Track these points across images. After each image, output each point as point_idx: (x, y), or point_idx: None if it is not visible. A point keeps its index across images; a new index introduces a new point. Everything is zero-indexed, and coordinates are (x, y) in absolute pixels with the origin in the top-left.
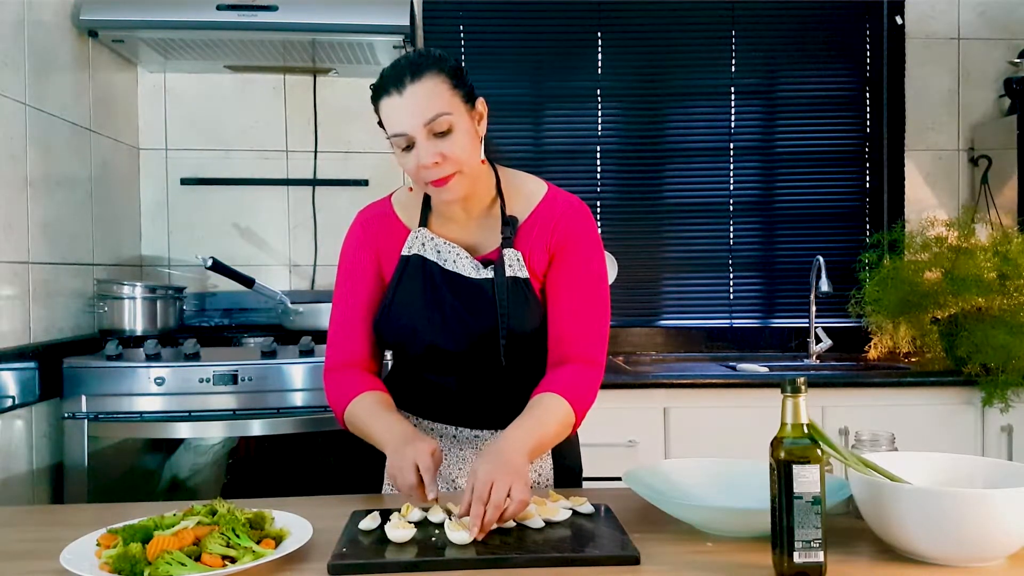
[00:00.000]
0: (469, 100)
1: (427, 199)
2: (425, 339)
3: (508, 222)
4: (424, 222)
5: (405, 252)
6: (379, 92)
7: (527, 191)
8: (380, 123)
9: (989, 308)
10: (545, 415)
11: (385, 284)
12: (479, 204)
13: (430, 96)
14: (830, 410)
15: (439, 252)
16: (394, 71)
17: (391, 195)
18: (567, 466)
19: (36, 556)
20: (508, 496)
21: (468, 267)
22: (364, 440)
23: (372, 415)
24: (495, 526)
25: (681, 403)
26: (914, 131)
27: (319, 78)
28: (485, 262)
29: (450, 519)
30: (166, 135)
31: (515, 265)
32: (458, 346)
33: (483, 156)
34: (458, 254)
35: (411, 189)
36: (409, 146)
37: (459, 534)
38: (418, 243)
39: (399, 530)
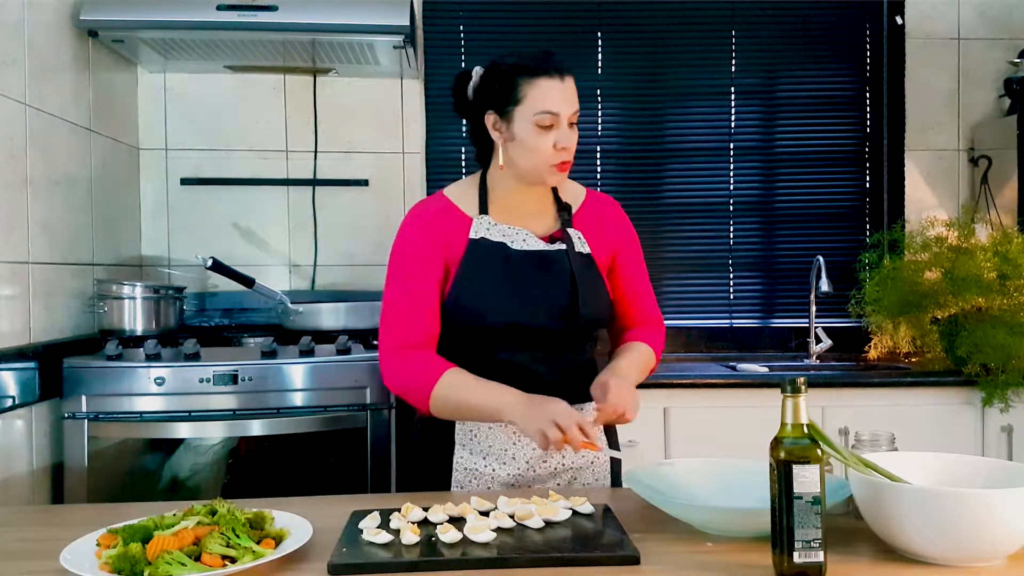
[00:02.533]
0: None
1: (483, 189)
2: (505, 313)
3: (564, 207)
4: (484, 210)
5: (472, 236)
6: (535, 71)
7: (574, 188)
8: (495, 104)
9: (989, 308)
10: (643, 359)
11: (450, 271)
12: (543, 195)
13: (575, 91)
14: (830, 410)
15: (505, 235)
16: (550, 59)
17: (441, 192)
18: (614, 457)
19: (36, 556)
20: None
21: (537, 244)
22: (459, 413)
23: (474, 385)
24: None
25: (681, 403)
26: (914, 131)
27: (319, 78)
28: (551, 239)
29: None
30: (166, 135)
31: (579, 243)
32: (536, 319)
33: None
34: (525, 235)
35: (501, 166)
36: (550, 126)
37: (451, 534)
38: (483, 228)
39: (405, 532)
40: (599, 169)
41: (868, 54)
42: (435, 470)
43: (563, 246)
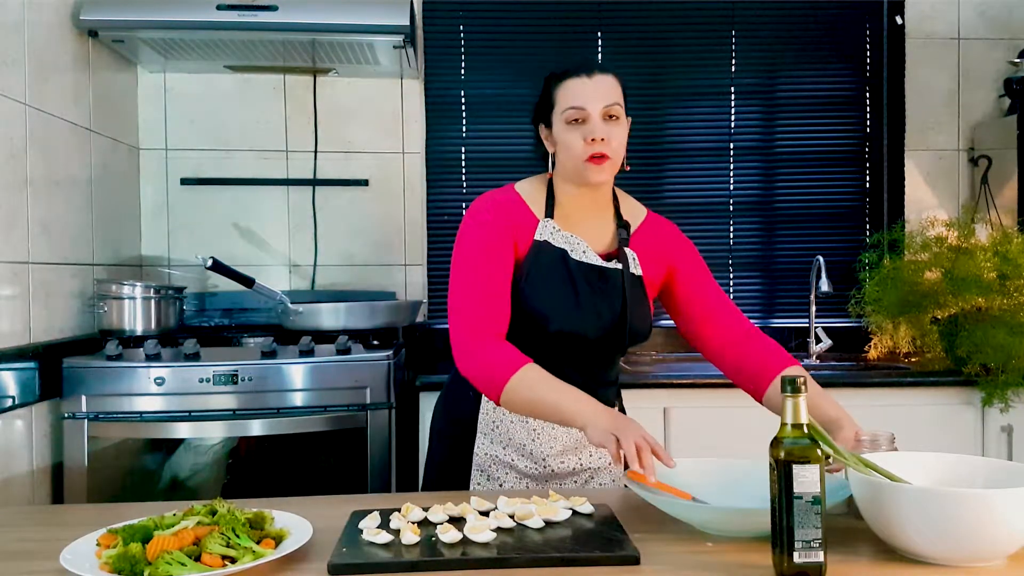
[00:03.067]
0: (629, 113)
1: (551, 192)
2: (558, 322)
3: (624, 225)
4: (550, 213)
5: (537, 237)
6: (565, 75)
7: (635, 207)
8: (546, 103)
9: (989, 308)
10: (814, 386)
11: (520, 265)
12: (602, 206)
13: (612, 87)
14: None
15: (567, 242)
16: (583, 62)
17: (511, 185)
18: None
19: (36, 556)
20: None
21: (595, 259)
22: (531, 409)
23: (553, 384)
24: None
25: (681, 403)
26: (914, 131)
27: (319, 78)
28: (608, 257)
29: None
30: (166, 135)
31: (633, 264)
32: (586, 331)
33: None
34: (585, 247)
35: (550, 173)
36: (578, 121)
37: (451, 534)
38: (547, 232)
39: (405, 532)
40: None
41: (868, 54)
42: (457, 458)
43: (619, 265)
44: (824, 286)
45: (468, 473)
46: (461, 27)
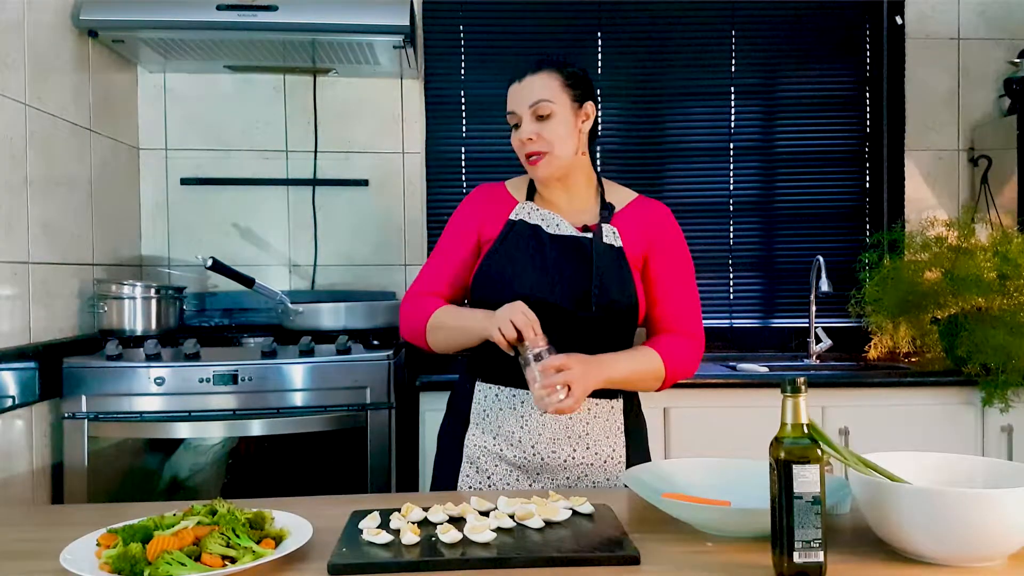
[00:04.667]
0: (578, 100)
1: (532, 183)
2: (524, 289)
3: (606, 206)
4: (530, 197)
5: (512, 217)
6: (510, 81)
7: (623, 192)
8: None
9: (989, 308)
10: (639, 360)
11: (482, 248)
12: (579, 194)
13: (540, 86)
14: (830, 410)
15: (543, 219)
16: (522, 67)
17: (505, 181)
18: (636, 460)
19: (36, 556)
20: (568, 391)
21: (570, 230)
22: (450, 340)
23: (461, 311)
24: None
25: (681, 403)
26: (914, 131)
27: (319, 78)
28: (584, 229)
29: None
30: (166, 135)
31: (611, 236)
32: (555, 299)
33: (584, 151)
34: (561, 220)
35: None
36: (517, 125)
37: (451, 534)
38: (524, 212)
39: (405, 532)
40: (599, 169)
41: (868, 54)
42: (453, 451)
43: (590, 235)
44: (824, 286)
45: (459, 461)
46: (461, 27)
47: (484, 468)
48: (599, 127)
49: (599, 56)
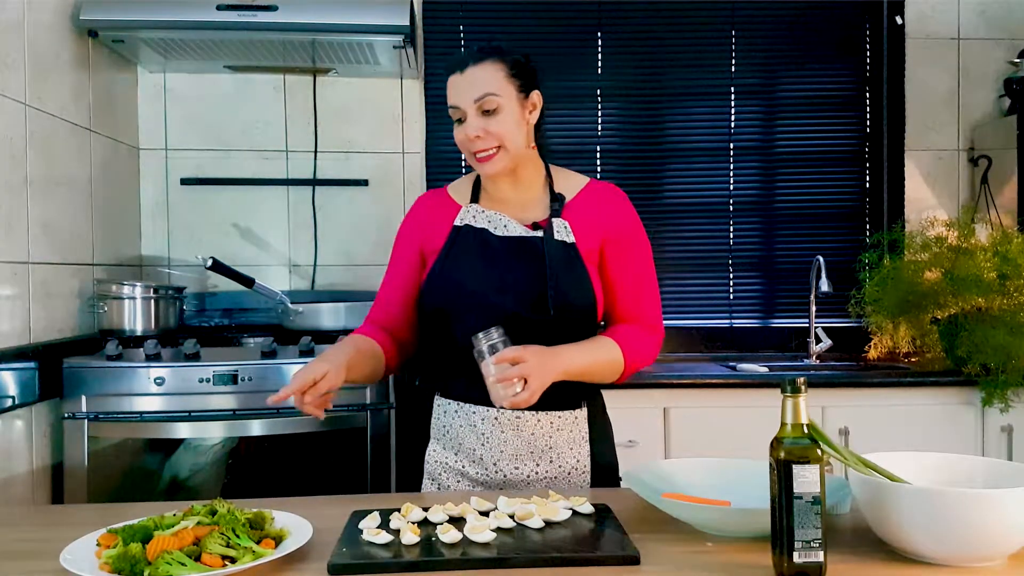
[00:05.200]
0: (524, 90)
1: (478, 181)
2: (476, 296)
3: (556, 198)
4: (475, 199)
5: (457, 223)
6: (447, 71)
7: (573, 179)
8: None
9: (989, 308)
10: (597, 351)
11: (427, 260)
12: (528, 187)
13: (484, 78)
14: (830, 410)
15: (489, 221)
16: (463, 54)
17: (446, 186)
18: (603, 464)
19: (36, 556)
20: (525, 383)
21: (519, 230)
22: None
23: (342, 341)
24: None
25: (681, 403)
26: (914, 131)
27: (319, 78)
28: (534, 226)
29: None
30: (166, 135)
31: (563, 232)
32: (509, 305)
33: (533, 143)
34: (508, 220)
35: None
36: (461, 120)
37: (451, 534)
38: (469, 216)
39: (405, 532)
40: (599, 169)
41: (868, 54)
42: (411, 461)
43: (540, 233)
44: (824, 286)
45: (420, 476)
46: (461, 27)
47: (445, 484)
48: (545, 117)
49: (599, 56)
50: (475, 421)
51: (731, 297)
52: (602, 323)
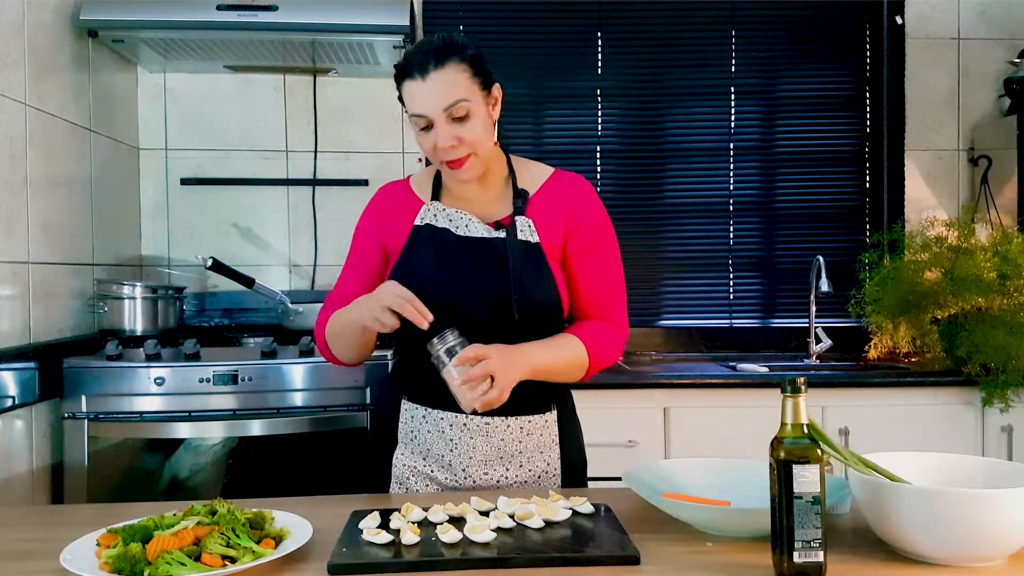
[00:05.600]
0: (486, 87)
1: (439, 176)
2: (438, 301)
3: (519, 194)
4: (436, 197)
5: (417, 222)
6: (403, 74)
7: (536, 171)
8: (400, 99)
9: (989, 308)
10: (562, 348)
11: (388, 252)
12: (492, 184)
13: (451, 83)
14: (830, 410)
15: (451, 220)
16: (418, 56)
17: (408, 177)
18: (570, 463)
19: (36, 556)
20: (492, 382)
21: (481, 230)
22: (348, 345)
23: (344, 310)
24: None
25: (681, 403)
26: (914, 131)
27: (319, 78)
28: (497, 226)
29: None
30: (166, 135)
31: (526, 231)
32: (472, 308)
33: (495, 139)
34: (470, 220)
35: (420, 159)
36: (428, 127)
37: (451, 534)
38: (430, 215)
39: (405, 532)
40: (599, 169)
41: (868, 54)
42: (379, 466)
43: (503, 235)
44: (824, 286)
45: (388, 482)
46: (461, 27)
47: (414, 489)
48: (504, 108)
49: (599, 56)
50: (443, 427)
51: (731, 297)
52: (566, 320)
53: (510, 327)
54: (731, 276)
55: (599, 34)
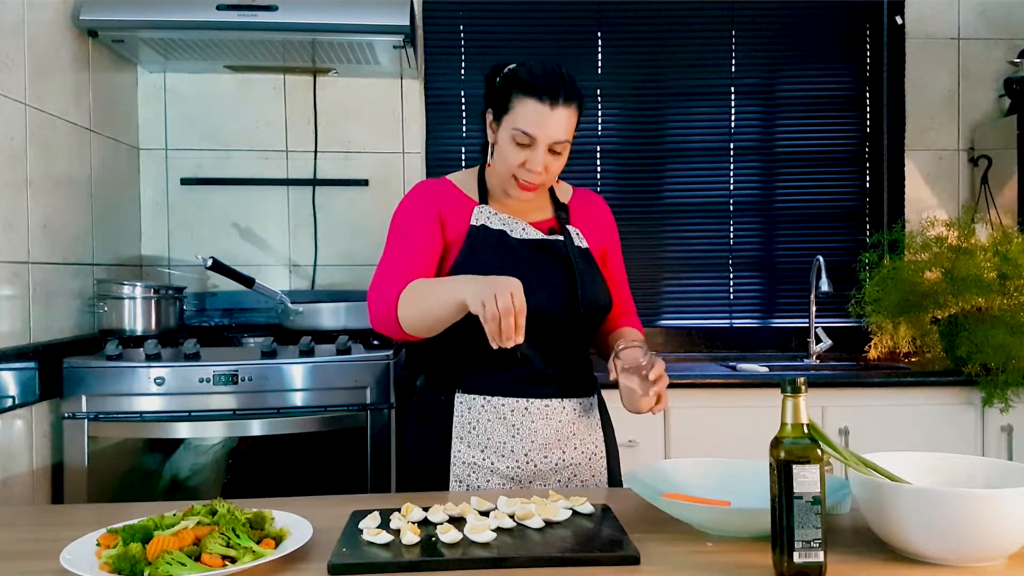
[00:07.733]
0: (577, 127)
1: (482, 180)
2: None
3: (562, 207)
4: (484, 199)
5: (473, 223)
6: (527, 91)
7: (563, 186)
8: (493, 105)
9: (989, 308)
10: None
11: (450, 250)
12: (537, 194)
13: (568, 121)
14: (830, 410)
15: (505, 224)
16: (549, 83)
17: (445, 176)
18: (612, 443)
19: (36, 556)
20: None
21: (536, 233)
22: (425, 312)
23: (434, 281)
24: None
25: (681, 403)
26: (914, 131)
27: (319, 78)
28: (550, 231)
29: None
30: (166, 135)
31: (578, 238)
32: (538, 303)
33: None
34: (524, 225)
35: (489, 163)
36: (526, 145)
37: (451, 534)
38: (484, 216)
39: (405, 532)
40: (599, 169)
41: (868, 54)
42: (433, 465)
43: (561, 237)
44: (824, 286)
45: (446, 481)
46: (461, 27)
47: (475, 485)
48: None
49: (599, 56)
50: (504, 413)
51: (731, 297)
52: None
53: (574, 322)
54: (731, 276)
55: (599, 34)
